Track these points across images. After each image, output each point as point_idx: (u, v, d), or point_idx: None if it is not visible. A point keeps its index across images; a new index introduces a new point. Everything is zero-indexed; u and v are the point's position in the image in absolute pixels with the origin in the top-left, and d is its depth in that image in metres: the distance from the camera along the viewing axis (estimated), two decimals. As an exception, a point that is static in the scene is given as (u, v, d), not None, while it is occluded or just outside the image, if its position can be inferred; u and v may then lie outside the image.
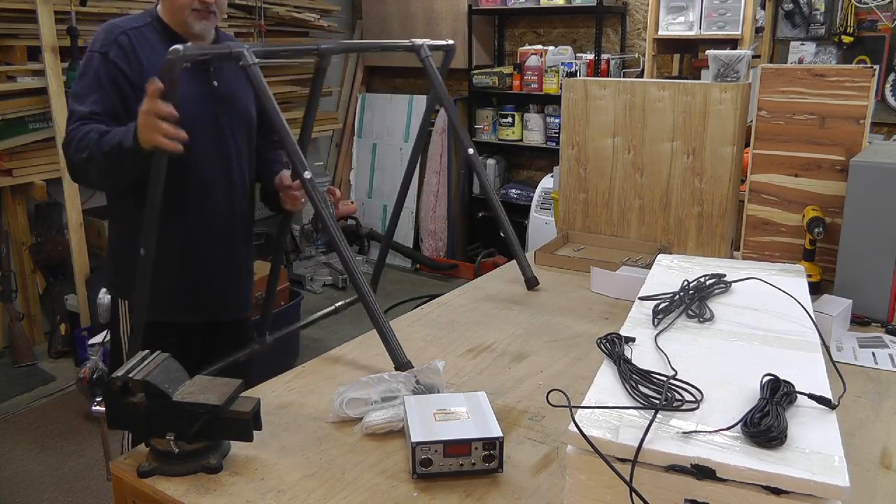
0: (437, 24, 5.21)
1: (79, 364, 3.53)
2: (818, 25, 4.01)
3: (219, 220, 1.82)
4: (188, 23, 1.71)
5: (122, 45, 1.68)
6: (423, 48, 1.89)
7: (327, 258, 5.26)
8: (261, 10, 4.57)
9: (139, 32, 1.71)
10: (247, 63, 1.50)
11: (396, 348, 1.51)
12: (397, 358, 1.50)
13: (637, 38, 4.70)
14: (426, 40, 1.92)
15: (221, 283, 1.87)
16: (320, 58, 1.68)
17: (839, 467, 0.80)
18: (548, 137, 4.89)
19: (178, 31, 1.74)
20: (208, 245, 1.81)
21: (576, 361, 1.60)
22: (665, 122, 2.21)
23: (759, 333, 1.17)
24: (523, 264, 2.07)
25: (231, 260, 1.88)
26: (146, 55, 1.69)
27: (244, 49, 1.50)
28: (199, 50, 1.45)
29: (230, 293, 1.91)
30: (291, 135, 1.55)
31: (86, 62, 1.70)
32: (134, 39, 1.70)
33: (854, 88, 1.86)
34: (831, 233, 1.86)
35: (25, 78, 3.54)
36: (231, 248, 1.87)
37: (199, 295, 1.84)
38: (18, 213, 3.85)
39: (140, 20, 1.75)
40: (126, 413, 1.16)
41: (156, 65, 1.69)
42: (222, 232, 1.83)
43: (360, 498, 1.12)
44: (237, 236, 1.88)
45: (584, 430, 0.87)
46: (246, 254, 1.95)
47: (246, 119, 1.86)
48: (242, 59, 1.49)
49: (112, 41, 1.68)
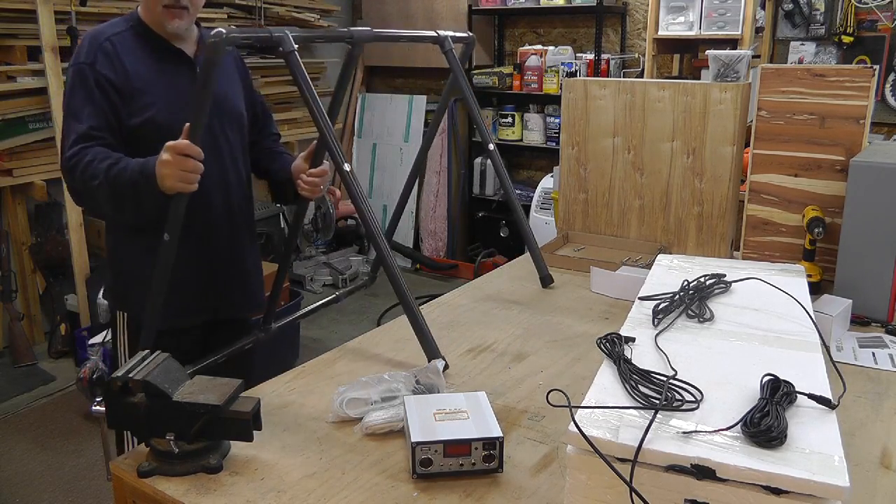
0: (437, 24, 5.21)
1: (79, 364, 3.53)
2: (818, 25, 4.01)
3: (217, 221, 1.80)
4: (161, 22, 1.68)
5: (107, 52, 1.65)
6: (448, 40, 1.91)
7: (327, 258, 5.26)
8: (261, 10, 4.57)
9: (122, 38, 1.68)
10: (287, 49, 1.45)
11: (431, 342, 1.51)
12: (432, 352, 1.51)
13: (637, 38, 4.70)
14: (449, 32, 1.93)
15: (224, 282, 1.86)
16: (352, 46, 1.66)
17: (839, 467, 0.80)
18: (548, 137, 4.89)
19: (158, 31, 1.71)
20: (208, 246, 1.80)
21: (576, 361, 1.60)
22: (665, 122, 2.21)
23: (759, 333, 1.17)
24: (539, 263, 2.07)
25: (233, 259, 1.88)
26: (130, 61, 1.67)
27: (284, 34, 1.45)
28: (241, 33, 1.40)
29: (234, 292, 1.90)
30: (331, 127, 1.52)
31: (74, 75, 1.66)
32: (118, 46, 1.67)
33: (854, 88, 1.86)
34: (831, 233, 1.86)
35: (25, 78, 3.54)
36: (232, 247, 1.86)
37: (201, 296, 1.82)
38: (18, 213, 3.85)
39: (122, 24, 1.72)
40: (126, 413, 1.16)
41: (139, 70, 1.68)
42: (222, 232, 1.82)
43: (360, 498, 1.12)
44: (237, 235, 1.87)
45: (584, 430, 0.87)
46: (249, 251, 1.93)
47: (236, 116, 1.84)
48: (283, 44, 1.45)
49: (96, 49, 1.65)
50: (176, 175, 1.47)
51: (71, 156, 1.60)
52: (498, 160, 2.06)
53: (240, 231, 1.88)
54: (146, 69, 1.69)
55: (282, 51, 1.46)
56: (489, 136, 2.07)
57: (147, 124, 1.66)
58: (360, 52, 1.71)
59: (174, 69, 1.72)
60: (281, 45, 1.45)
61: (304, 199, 1.88)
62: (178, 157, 1.47)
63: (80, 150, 1.60)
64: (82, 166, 1.58)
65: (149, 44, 1.70)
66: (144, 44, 1.70)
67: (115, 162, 1.58)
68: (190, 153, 1.47)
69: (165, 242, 1.49)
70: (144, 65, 1.69)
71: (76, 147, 1.61)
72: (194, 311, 1.83)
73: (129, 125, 1.66)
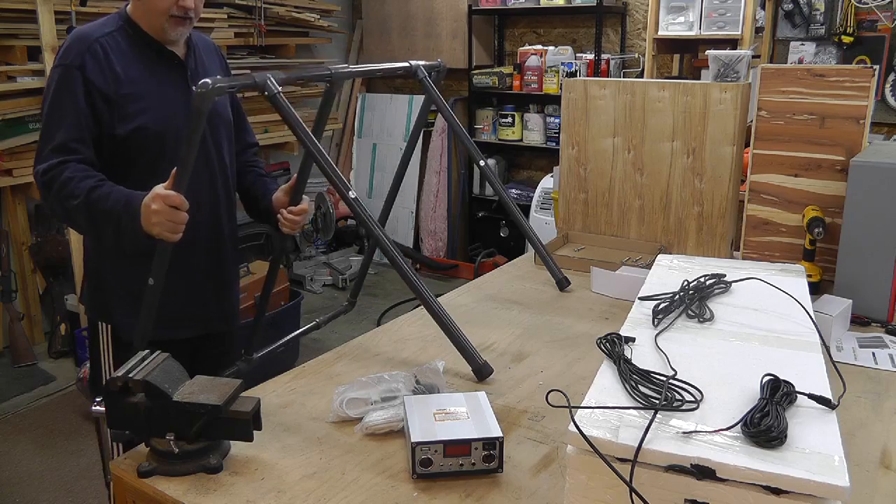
0: (437, 24, 5.21)
1: (79, 364, 3.53)
2: (818, 25, 4.01)
3: (205, 234, 1.75)
4: (164, 29, 1.63)
5: (97, 56, 1.58)
6: (420, 69, 1.91)
7: (327, 258, 5.26)
8: (261, 10, 4.57)
9: (112, 39, 1.61)
10: (271, 92, 1.45)
11: (473, 351, 1.51)
12: (475, 360, 1.50)
13: (637, 38, 4.70)
14: (421, 62, 1.94)
15: (211, 295, 1.82)
16: (331, 84, 1.66)
17: (839, 467, 0.80)
18: (548, 137, 4.89)
19: (152, 34, 1.65)
20: (195, 259, 1.75)
21: (576, 361, 1.60)
22: (665, 122, 2.21)
23: (759, 333, 1.17)
24: (553, 268, 2.07)
25: (221, 272, 1.83)
26: (121, 65, 1.60)
27: (267, 78, 1.45)
28: (227, 83, 1.39)
29: (221, 304, 1.86)
30: (328, 158, 1.50)
31: (60, 78, 1.56)
32: (108, 48, 1.60)
33: (854, 88, 1.86)
34: (831, 233, 1.86)
35: (25, 78, 3.54)
36: (218, 259, 1.82)
37: (188, 310, 1.77)
38: (18, 213, 3.85)
39: (111, 24, 1.64)
40: (126, 413, 1.16)
41: (131, 74, 1.61)
42: (210, 244, 1.78)
43: (360, 498, 1.12)
44: (223, 247, 1.83)
45: (584, 431, 0.87)
46: (232, 262, 1.89)
47: (227, 124, 1.81)
48: (267, 89, 1.45)
49: (85, 52, 1.57)
50: (163, 225, 1.44)
51: (47, 169, 1.54)
52: (492, 176, 2.05)
53: (225, 243, 1.83)
54: (138, 73, 1.63)
55: (267, 94, 1.46)
56: (479, 155, 2.05)
57: (138, 132, 1.61)
58: (338, 88, 1.71)
59: (166, 73, 1.67)
60: (265, 90, 1.45)
61: (283, 234, 1.83)
62: (168, 210, 1.43)
63: (57, 165, 1.53)
64: (59, 183, 1.53)
65: (140, 46, 1.65)
66: (135, 45, 1.64)
67: (97, 185, 1.53)
68: (180, 207, 1.43)
69: (150, 287, 1.47)
70: (136, 69, 1.63)
71: (53, 160, 1.54)
72: (185, 323, 1.78)
73: (115, 134, 1.60)
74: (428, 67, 1.95)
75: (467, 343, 1.51)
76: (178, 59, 1.70)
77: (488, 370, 1.51)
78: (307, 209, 1.78)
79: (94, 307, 1.79)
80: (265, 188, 1.88)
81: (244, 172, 1.93)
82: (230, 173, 1.83)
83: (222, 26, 4.34)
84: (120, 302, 1.71)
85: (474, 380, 1.51)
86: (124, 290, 1.69)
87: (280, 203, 1.80)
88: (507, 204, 2.07)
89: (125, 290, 1.69)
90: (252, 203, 1.92)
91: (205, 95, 1.34)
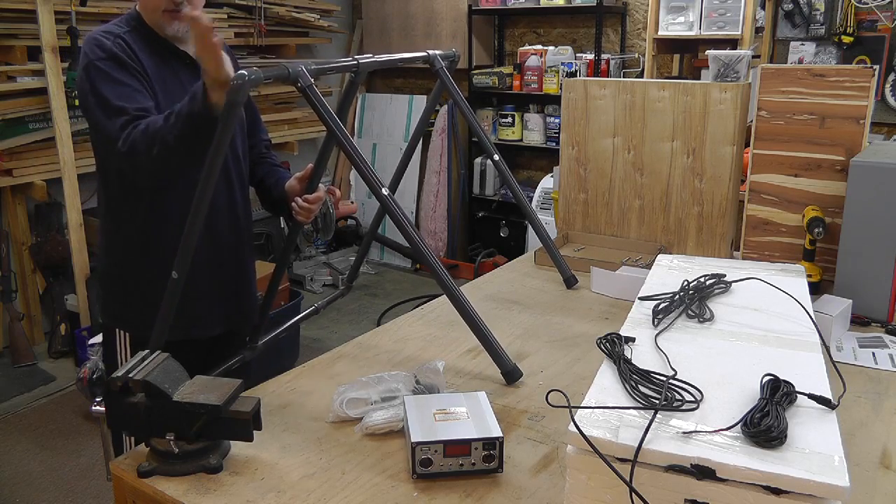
0: (437, 24, 5.21)
1: (79, 364, 3.53)
2: (818, 25, 4.01)
3: (225, 232, 1.77)
4: (160, 25, 1.64)
5: (125, 49, 1.60)
6: (437, 59, 1.94)
7: (327, 258, 5.26)
8: (261, 10, 4.57)
9: (130, 37, 1.63)
10: (305, 84, 1.44)
11: (503, 355, 1.50)
12: (504, 364, 1.49)
13: (637, 38, 4.70)
14: (438, 51, 1.97)
15: (232, 296, 1.83)
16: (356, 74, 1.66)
17: (839, 467, 0.80)
18: (548, 137, 4.89)
19: (158, 32, 1.66)
20: (215, 259, 1.76)
21: (576, 361, 1.60)
22: (665, 122, 2.21)
23: (759, 333, 1.17)
24: (561, 265, 2.08)
25: (242, 270, 1.85)
26: (144, 59, 1.62)
27: (301, 69, 1.43)
28: (263, 74, 1.40)
29: (241, 302, 1.87)
30: (362, 155, 1.49)
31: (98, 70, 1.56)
32: (130, 42, 1.62)
33: (854, 88, 1.86)
34: (831, 233, 1.86)
35: (25, 78, 3.54)
36: (237, 258, 1.83)
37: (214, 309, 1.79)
38: (18, 213, 3.85)
39: (125, 25, 1.66)
40: (126, 413, 1.16)
41: (150, 70, 1.62)
42: (229, 243, 1.79)
43: (360, 498, 1.12)
44: (242, 246, 1.84)
45: (584, 430, 0.87)
46: (250, 261, 1.91)
47: (241, 122, 1.81)
48: (301, 79, 1.43)
49: (111, 44, 1.59)
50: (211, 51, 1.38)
51: (126, 137, 1.51)
52: (506, 170, 2.06)
53: (243, 241, 1.85)
54: (155, 71, 1.64)
55: (300, 86, 1.45)
56: (492, 148, 2.06)
57: None
58: (362, 79, 1.71)
59: (182, 72, 1.68)
60: (299, 80, 1.44)
61: (297, 223, 1.82)
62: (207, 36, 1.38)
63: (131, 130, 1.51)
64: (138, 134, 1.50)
65: (154, 45, 1.66)
66: (149, 45, 1.66)
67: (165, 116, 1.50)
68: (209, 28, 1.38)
69: (173, 280, 1.44)
70: (153, 65, 1.64)
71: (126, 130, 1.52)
72: (210, 322, 1.79)
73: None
74: (444, 57, 1.99)
75: (498, 347, 1.50)
76: (189, 59, 1.70)
77: (518, 374, 1.50)
78: (322, 197, 1.78)
79: (112, 315, 1.80)
80: (279, 177, 1.89)
81: (257, 164, 1.94)
82: (245, 172, 1.85)
83: (222, 26, 4.34)
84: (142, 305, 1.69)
85: (476, 379, 1.51)
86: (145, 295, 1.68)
87: (294, 191, 1.81)
88: (518, 199, 2.08)
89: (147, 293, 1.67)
90: (265, 193, 1.92)
91: (241, 87, 1.33)
